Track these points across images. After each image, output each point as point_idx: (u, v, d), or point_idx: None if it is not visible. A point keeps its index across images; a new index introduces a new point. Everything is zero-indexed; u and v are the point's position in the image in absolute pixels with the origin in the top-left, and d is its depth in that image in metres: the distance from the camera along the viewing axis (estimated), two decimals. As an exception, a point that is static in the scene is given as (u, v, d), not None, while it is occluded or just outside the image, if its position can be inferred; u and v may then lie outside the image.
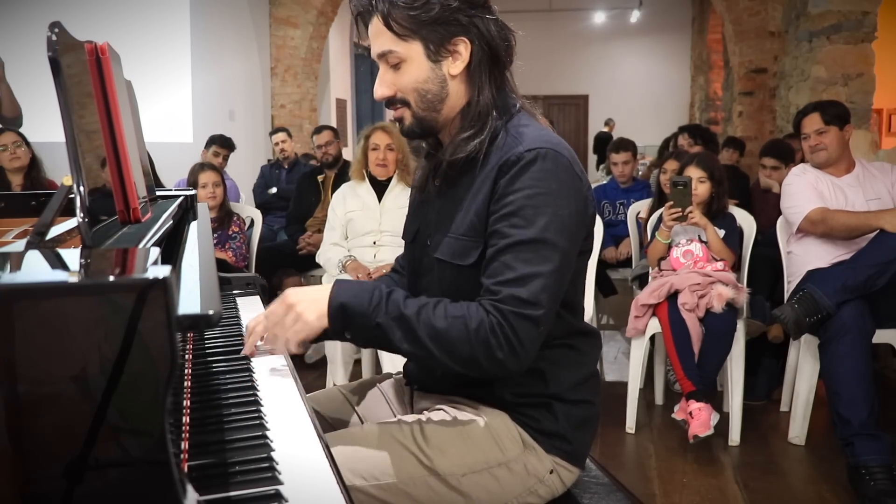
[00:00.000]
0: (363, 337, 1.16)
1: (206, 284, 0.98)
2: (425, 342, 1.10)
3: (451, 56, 1.19)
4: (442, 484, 1.19)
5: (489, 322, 1.09)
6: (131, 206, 1.13)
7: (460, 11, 1.17)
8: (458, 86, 1.22)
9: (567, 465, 1.27)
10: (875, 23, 5.37)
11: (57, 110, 0.91)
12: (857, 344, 2.40)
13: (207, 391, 1.14)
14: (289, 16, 7.56)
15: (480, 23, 1.19)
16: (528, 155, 1.14)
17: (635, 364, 2.85)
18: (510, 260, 1.11)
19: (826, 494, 2.36)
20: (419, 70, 1.19)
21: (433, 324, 1.10)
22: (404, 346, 1.12)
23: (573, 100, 13.72)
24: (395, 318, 1.11)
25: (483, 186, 1.19)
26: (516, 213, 1.13)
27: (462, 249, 1.21)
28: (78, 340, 0.63)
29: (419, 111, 1.22)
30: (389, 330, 1.11)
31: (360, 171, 3.22)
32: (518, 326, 1.09)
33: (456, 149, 1.21)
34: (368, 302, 1.12)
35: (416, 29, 1.17)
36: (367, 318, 1.12)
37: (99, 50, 1.13)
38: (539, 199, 1.13)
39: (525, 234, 1.11)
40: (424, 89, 1.20)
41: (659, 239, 2.92)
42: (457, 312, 1.11)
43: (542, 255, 1.11)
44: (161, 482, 0.66)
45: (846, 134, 2.78)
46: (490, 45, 1.20)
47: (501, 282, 1.11)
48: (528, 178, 1.13)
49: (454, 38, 1.18)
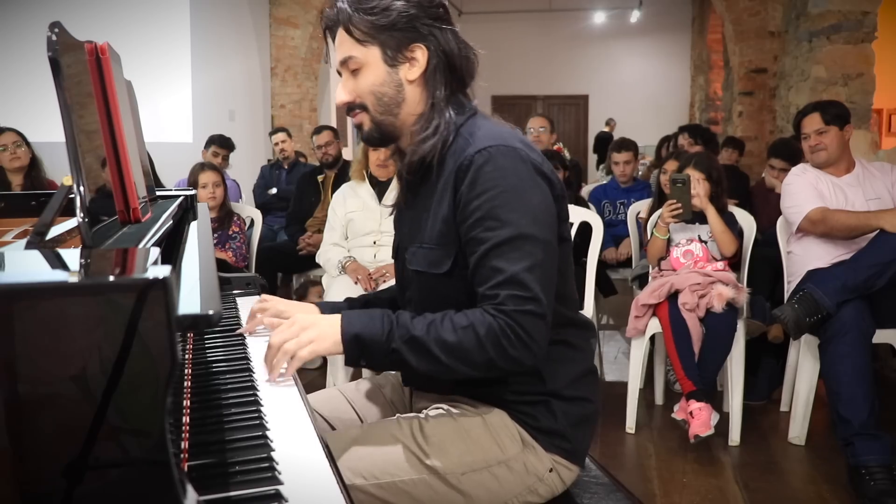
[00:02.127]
0: (379, 363, 1.18)
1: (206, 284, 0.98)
2: (441, 358, 1.12)
3: (409, 62, 1.23)
4: (442, 483, 1.20)
5: (497, 325, 1.11)
6: (131, 206, 1.14)
7: (418, 20, 1.21)
8: (415, 91, 1.25)
9: (566, 463, 1.27)
10: (875, 23, 5.37)
11: (57, 110, 0.91)
12: (857, 344, 2.40)
13: (207, 391, 1.14)
14: (289, 16, 7.57)
15: (439, 33, 1.23)
16: (479, 157, 1.16)
17: (635, 364, 2.85)
18: (496, 263, 1.13)
19: (826, 494, 2.36)
20: (376, 73, 1.23)
21: (444, 339, 1.12)
22: (421, 366, 1.14)
23: (573, 100, 13.72)
24: (407, 342, 1.13)
25: (445, 193, 1.21)
26: (487, 217, 1.14)
27: (435, 258, 1.23)
28: (78, 340, 0.63)
29: (376, 115, 1.25)
30: (404, 353, 1.13)
31: (360, 172, 3.22)
32: (525, 323, 1.11)
33: (412, 153, 1.24)
34: (381, 330, 1.14)
35: (374, 34, 1.21)
36: (382, 346, 1.14)
37: (99, 50, 1.13)
38: (503, 197, 1.14)
39: (502, 235, 1.13)
40: (381, 92, 1.24)
41: (657, 235, 2.93)
42: (464, 322, 1.12)
43: (525, 250, 1.13)
44: (161, 482, 0.66)
45: (846, 134, 2.78)
46: (447, 56, 1.23)
47: (494, 285, 1.13)
48: (486, 179, 1.15)
49: (411, 45, 1.22)
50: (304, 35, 7.59)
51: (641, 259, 3.51)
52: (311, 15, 7.51)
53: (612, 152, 4.35)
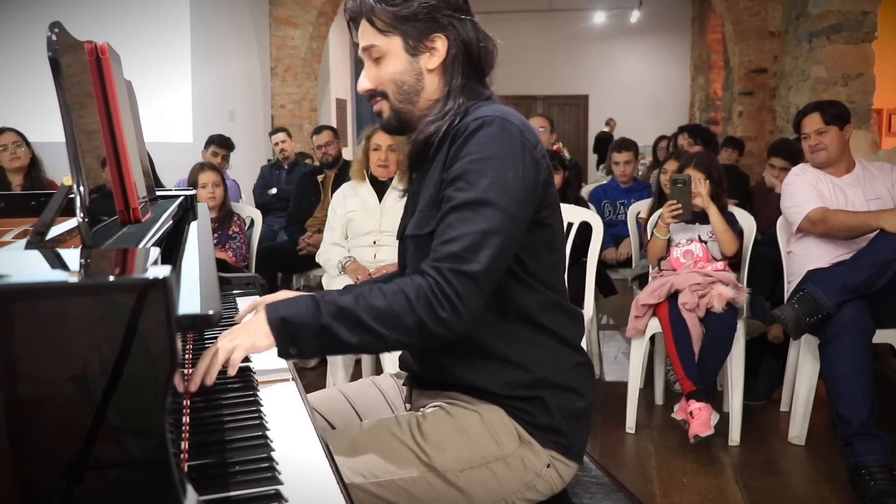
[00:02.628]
0: (311, 346, 1.14)
1: (206, 284, 0.98)
2: (372, 326, 1.11)
3: (429, 52, 1.26)
4: (440, 480, 1.20)
5: (427, 284, 1.11)
6: (131, 206, 1.14)
7: (438, 10, 1.24)
8: (434, 79, 1.28)
9: (564, 459, 1.27)
10: (875, 23, 5.37)
11: (57, 110, 0.91)
12: (857, 344, 2.40)
13: (207, 391, 1.14)
14: (289, 16, 7.56)
15: (458, 24, 1.26)
16: (474, 123, 1.19)
17: (635, 364, 2.85)
18: (452, 220, 1.15)
19: (826, 494, 2.36)
20: (398, 62, 1.26)
21: (374, 304, 1.11)
22: (353, 339, 1.12)
23: (573, 100, 13.72)
24: (336, 315, 1.11)
25: (441, 160, 1.23)
26: (460, 178, 1.16)
27: (423, 221, 1.25)
28: (78, 340, 0.63)
29: (396, 103, 1.28)
30: (335, 328, 1.11)
31: (360, 172, 3.22)
32: (456, 282, 1.11)
33: (418, 134, 1.28)
34: (306, 309, 1.12)
35: (396, 24, 1.24)
36: (310, 325, 1.12)
37: (99, 50, 1.13)
38: (482, 162, 1.16)
39: (466, 196, 1.15)
40: (401, 80, 1.26)
41: (657, 235, 2.93)
42: (394, 288, 1.13)
43: (483, 214, 1.14)
44: (161, 482, 0.66)
45: (846, 134, 2.78)
46: (466, 45, 1.27)
47: (441, 242, 1.14)
48: (473, 144, 1.18)
49: (432, 35, 1.25)
50: (304, 35, 7.59)
51: (641, 259, 3.51)
52: (311, 15, 7.51)
53: (613, 152, 4.35)
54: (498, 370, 1.25)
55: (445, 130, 1.24)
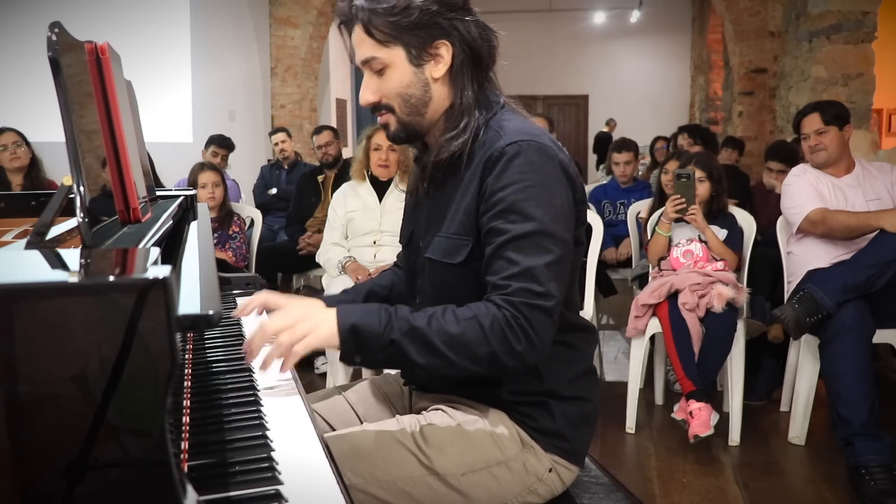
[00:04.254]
0: (376, 358, 1.13)
1: (206, 284, 0.98)
2: (442, 350, 1.09)
3: (433, 59, 1.21)
4: (442, 483, 1.20)
5: (502, 316, 1.09)
6: (131, 206, 1.13)
7: (440, 15, 1.18)
8: (441, 88, 1.23)
9: (566, 463, 1.27)
10: (875, 23, 5.37)
11: (57, 110, 0.91)
12: (858, 344, 2.40)
13: (207, 391, 1.14)
14: (289, 16, 7.56)
15: (461, 25, 1.20)
16: (511, 149, 1.15)
17: (635, 364, 2.85)
18: (512, 255, 1.12)
19: (826, 494, 2.36)
20: (402, 75, 1.20)
21: (447, 329, 1.09)
22: (421, 360, 1.10)
23: (573, 100, 13.72)
24: (407, 333, 1.09)
25: (470, 185, 1.20)
26: (510, 209, 1.13)
27: (452, 248, 1.22)
28: (78, 340, 0.63)
29: (404, 116, 1.23)
30: (404, 345, 1.09)
31: (361, 172, 3.22)
32: (532, 317, 1.09)
33: (440, 150, 1.23)
34: (378, 321, 1.10)
35: (396, 35, 1.18)
36: (381, 338, 1.09)
37: (99, 50, 1.13)
38: (530, 191, 1.13)
39: (523, 228, 1.12)
40: (408, 94, 1.21)
41: (659, 232, 2.93)
42: (468, 314, 1.10)
43: (543, 246, 1.12)
44: (161, 482, 0.66)
45: (846, 134, 2.78)
46: (471, 47, 1.21)
47: (508, 276, 1.11)
48: (514, 172, 1.14)
49: (435, 42, 1.19)
50: (304, 35, 7.58)
51: (641, 259, 3.51)
52: (310, 15, 7.51)
53: (613, 153, 4.35)
54: (509, 380, 1.25)
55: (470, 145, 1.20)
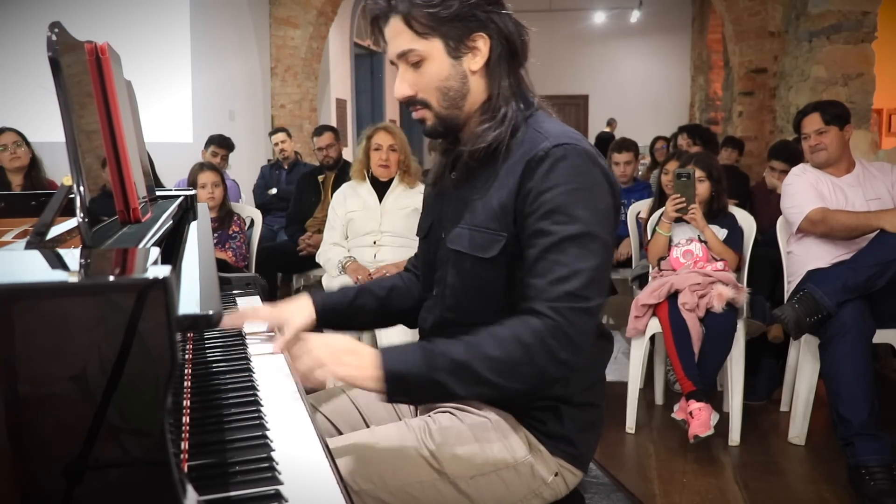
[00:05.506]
0: (422, 398, 1.13)
1: (206, 284, 0.98)
2: (489, 379, 1.07)
3: (471, 52, 1.20)
4: (451, 487, 1.19)
5: (546, 326, 1.07)
6: (131, 206, 1.13)
7: (478, 7, 1.17)
8: (479, 81, 1.22)
9: (571, 467, 1.27)
10: (875, 23, 5.37)
11: (57, 110, 0.91)
12: (858, 344, 2.40)
13: (207, 391, 1.14)
14: (289, 16, 7.56)
15: (498, 18, 1.19)
16: (557, 151, 1.14)
17: (635, 364, 2.85)
18: (559, 257, 1.10)
19: (826, 494, 2.36)
20: (440, 67, 1.19)
21: (490, 355, 1.07)
22: (467, 393, 1.09)
23: (573, 100, 13.71)
24: (451, 370, 1.07)
25: (508, 180, 1.18)
26: (557, 210, 1.12)
27: (483, 241, 1.20)
28: (78, 340, 0.63)
29: (442, 110, 1.22)
30: (450, 383, 1.07)
31: (361, 172, 3.22)
32: (577, 321, 1.08)
33: (477, 139, 1.21)
34: (416, 362, 1.08)
35: (435, 26, 1.17)
36: (425, 380, 1.08)
37: (99, 50, 1.13)
38: (577, 194, 1.12)
39: (570, 230, 1.11)
40: (446, 87, 1.20)
41: (660, 232, 2.92)
42: (506, 334, 1.08)
43: (590, 248, 1.11)
44: (161, 482, 0.66)
45: (846, 134, 2.78)
46: (508, 40, 1.21)
47: (554, 280, 1.09)
48: (561, 174, 1.13)
49: (473, 34, 1.18)
50: (304, 35, 7.58)
51: (641, 259, 3.51)
52: (310, 15, 7.51)
53: (613, 153, 4.35)
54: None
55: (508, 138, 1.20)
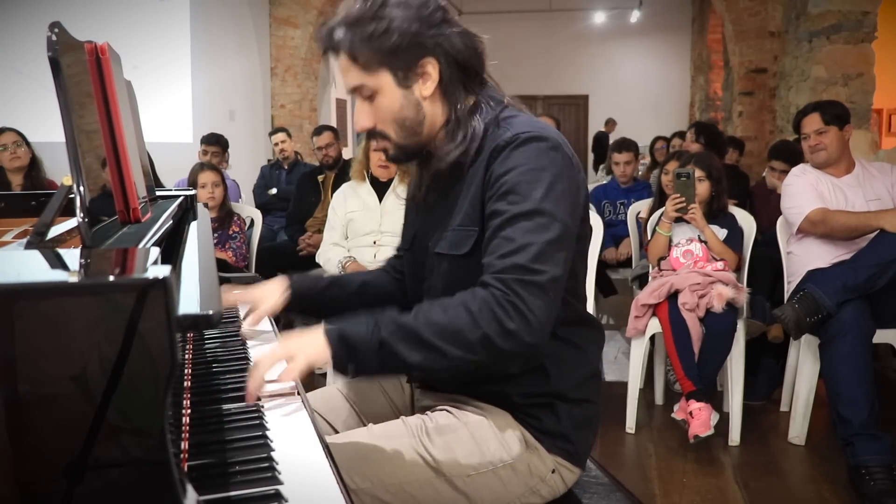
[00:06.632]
0: (369, 363, 1.09)
1: (206, 284, 0.98)
2: (434, 342, 1.06)
3: (421, 78, 1.19)
4: (448, 485, 1.19)
5: (492, 296, 1.07)
6: (131, 206, 1.13)
7: (420, 35, 1.16)
8: (434, 105, 1.22)
9: (568, 465, 1.27)
10: (875, 23, 5.37)
11: (57, 110, 0.91)
12: (858, 344, 2.40)
13: (207, 391, 1.14)
14: (289, 16, 7.56)
15: (443, 40, 1.18)
16: (518, 138, 1.15)
17: (635, 364, 2.85)
18: (509, 233, 1.10)
19: (826, 494, 2.36)
20: (392, 99, 1.19)
21: (435, 320, 1.07)
22: (414, 358, 1.07)
23: (573, 100, 13.71)
24: (394, 332, 1.07)
25: (475, 177, 1.20)
26: (511, 191, 1.13)
27: (458, 240, 1.21)
28: (78, 340, 0.63)
29: (401, 140, 1.23)
30: (394, 345, 1.07)
31: (361, 172, 3.22)
32: (524, 293, 1.06)
33: (440, 161, 1.23)
34: (365, 325, 1.08)
35: (380, 60, 1.17)
36: (369, 342, 1.07)
37: (99, 50, 1.13)
38: (532, 174, 1.13)
39: (522, 208, 1.11)
40: (401, 117, 1.21)
41: (660, 232, 2.92)
42: (454, 302, 1.09)
43: (541, 223, 1.10)
44: (161, 482, 0.66)
45: (846, 134, 2.78)
46: (457, 59, 1.20)
47: (502, 254, 1.09)
48: (519, 156, 1.14)
49: (420, 61, 1.18)
50: (304, 35, 7.58)
51: (641, 259, 3.51)
52: (310, 15, 7.51)
53: (613, 153, 4.35)
54: (518, 380, 1.24)
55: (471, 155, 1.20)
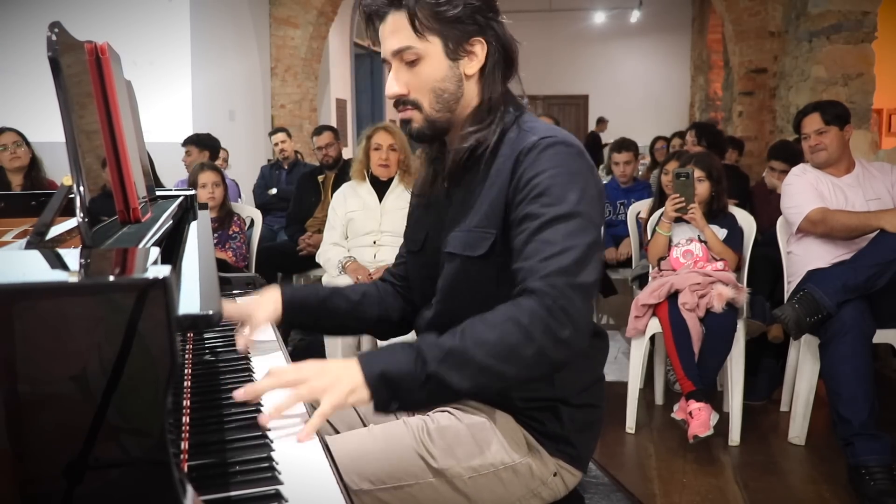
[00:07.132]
0: (416, 399, 1.03)
1: (206, 284, 0.98)
2: (487, 364, 1.01)
3: (468, 56, 1.19)
4: (448, 486, 1.19)
5: (541, 304, 1.03)
6: (131, 206, 1.13)
7: (479, 12, 1.17)
8: (472, 86, 1.22)
9: (570, 468, 1.27)
10: (875, 23, 5.37)
11: (57, 110, 0.91)
12: (858, 344, 2.40)
13: (207, 391, 1.14)
14: (289, 16, 7.56)
15: (497, 26, 1.20)
16: (545, 141, 1.15)
17: (635, 364, 2.85)
18: (549, 236, 1.08)
19: (826, 494, 2.36)
20: (437, 68, 1.18)
21: (484, 339, 1.02)
22: (466, 384, 1.01)
23: (573, 100, 13.73)
24: (443, 359, 1.01)
25: (498, 178, 1.18)
26: (545, 193, 1.11)
27: (473, 240, 1.19)
28: (78, 340, 0.63)
29: (433, 112, 1.21)
30: (444, 374, 1.00)
31: (361, 171, 3.22)
32: (573, 297, 1.04)
33: (462, 140, 1.21)
34: (406, 358, 1.02)
35: (438, 25, 1.16)
36: (415, 377, 1.01)
37: (99, 50, 1.13)
38: (566, 177, 1.12)
39: (559, 210, 1.09)
40: (441, 88, 1.19)
41: (660, 232, 2.92)
42: (499, 317, 1.04)
43: (580, 226, 1.09)
44: (161, 482, 0.66)
45: (846, 134, 2.78)
46: (504, 48, 1.21)
47: (545, 258, 1.06)
48: (548, 159, 1.13)
49: (472, 38, 1.18)
50: (304, 35, 7.58)
51: (641, 259, 3.51)
52: (311, 15, 7.51)
53: (613, 153, 4.35)
54: (522, 384, 1.22)
55: (494, 142, 1.19)
